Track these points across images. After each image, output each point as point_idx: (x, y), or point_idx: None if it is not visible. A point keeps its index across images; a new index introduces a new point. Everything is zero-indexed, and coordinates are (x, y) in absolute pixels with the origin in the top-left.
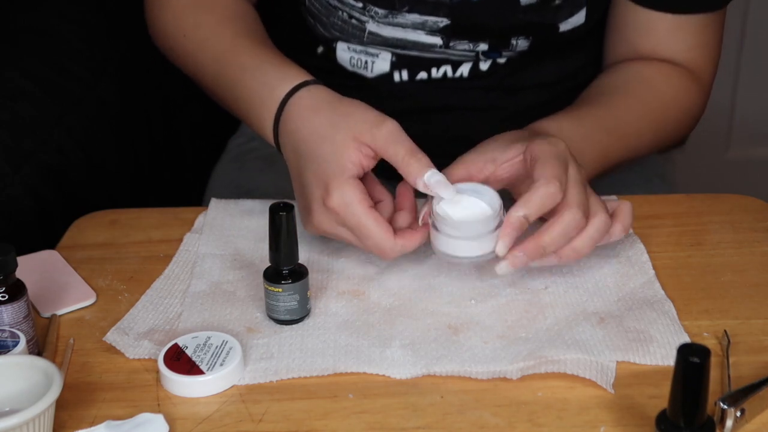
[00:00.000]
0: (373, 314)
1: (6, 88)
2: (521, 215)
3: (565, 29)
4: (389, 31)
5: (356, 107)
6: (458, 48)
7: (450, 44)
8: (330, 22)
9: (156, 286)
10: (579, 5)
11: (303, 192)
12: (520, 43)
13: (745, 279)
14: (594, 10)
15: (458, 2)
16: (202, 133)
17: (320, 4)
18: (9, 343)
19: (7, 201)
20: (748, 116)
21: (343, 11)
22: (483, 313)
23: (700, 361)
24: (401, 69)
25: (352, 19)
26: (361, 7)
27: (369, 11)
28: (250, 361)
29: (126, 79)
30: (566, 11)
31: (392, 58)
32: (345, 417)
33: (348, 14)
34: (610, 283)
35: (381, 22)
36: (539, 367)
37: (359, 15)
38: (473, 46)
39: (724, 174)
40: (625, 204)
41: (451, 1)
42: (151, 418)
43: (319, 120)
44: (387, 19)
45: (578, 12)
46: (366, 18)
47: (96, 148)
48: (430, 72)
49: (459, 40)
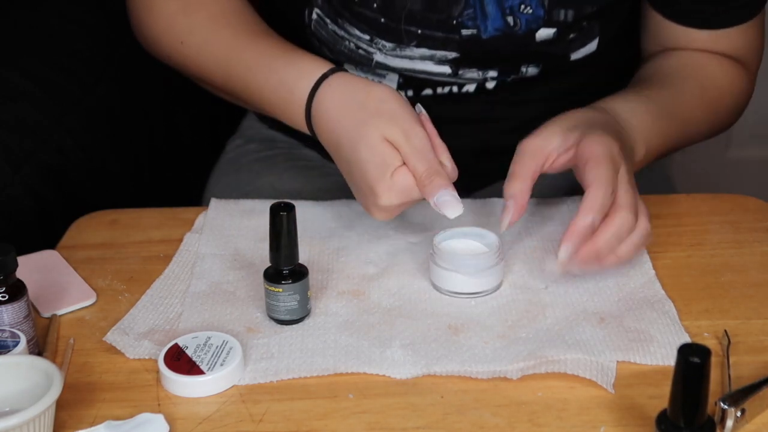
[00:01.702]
0: (373, 314)
1: (6, 88)
2: (589, 221)
3: (577, 58)
4: (397, 62)
5: (384, 102)
6: (467, 75)
7: (459, 73)
8: (337, 49)
9: (156, 286)
10: (592, 37)
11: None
12: (530, 70)
13: (745, 279)
14: (606, 39)
15: (468, 37)
16: (202, 133)
17: (326, 33)
18: (9, 343)
19: (7, 201)
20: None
21: (350, 42)
22: (483, 313)
23: (700, 361)
24: (407, 89)
25: (359, 50)
26: (368, 39)
27: (376, 44)
28: (250, 361)
29: (126, 79)
30: (579, 43)
31: (399, 80)
32: (345, 417)
33: (355, 45)
34: (610, 283)
35: (389, 54)
36: (539, 367)
37: (366, 47)
38: (482, 74)
39: (724, 174)
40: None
41: (461, 37)
42: (151, 418)
43: (348, 122)
44: (395, 51)
45: (590, 42)
46: (373, 50)
47: (96, 148)
48: (436, 90)
49: (468, 69)
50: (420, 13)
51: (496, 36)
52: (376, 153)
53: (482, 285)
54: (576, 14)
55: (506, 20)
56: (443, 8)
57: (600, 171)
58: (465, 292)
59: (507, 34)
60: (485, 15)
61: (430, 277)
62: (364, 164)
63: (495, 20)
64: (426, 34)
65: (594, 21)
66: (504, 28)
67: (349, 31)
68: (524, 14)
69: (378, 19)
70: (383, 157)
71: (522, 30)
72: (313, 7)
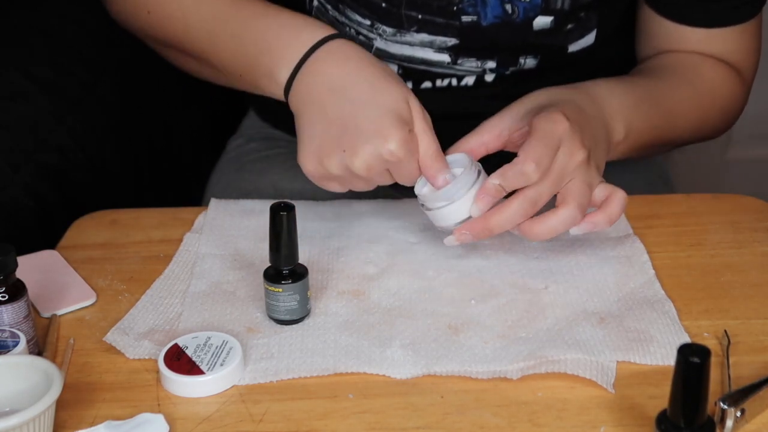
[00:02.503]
0: (373, 314)
1: (6, 88)
2: (497, 183)
3: (575, 50)
4: (397, 49)
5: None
6: (465, 65)
7: (458, 62)
8: None
9: (156, 286)
10: (589, 28)
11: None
12: (528, 62)
13: (745, 279)
14: (604, 32)
15: (468, 24)
16: (202, 133)
17: (327, 19)
18: (9, 343)
19: (7, 201)
20: (748, 116)
21: (351, 28)
22: (483, 313)
23: (700, 361)
24: (406, 80)
25: (360, 36)
26: (369, 24)
27: (377, 29)
28: (250, 361)
29: (126, 80)
30: (577, 34)
31: (398, 70)
32: (345, 417)
33: (356, 31)
34: (610, 283)
35: (389, 40)
36: (539, 367)
37: (367, 32)
38: (481, 64)
39: (724, 174)
40: (616, 194)
41: (461, 23)
42: (151, 418)
43: (370, 69)
44: (395, 37)
45: (588, 34)
46: (374, 36)
47: (96, 148)
48: (435, 82)
49: (467, 58)
50: None
51: (495, 23)
52: (400, 107)
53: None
54: (573, 3)
55: (504, 8)
56: None
57: (530, 147)
58: (464, 219)
59: (506, 22)
60: (485, 2)
61: (434, 225)
62: (383, 109)
63: (494, 8)
64: (426, 20)
65: (592, 12)
66: (503, 15)
67: (350, 16)
68: (522, 2)
69: (379, 4)
70: (403, 114)
71: (520, 18)
72: None
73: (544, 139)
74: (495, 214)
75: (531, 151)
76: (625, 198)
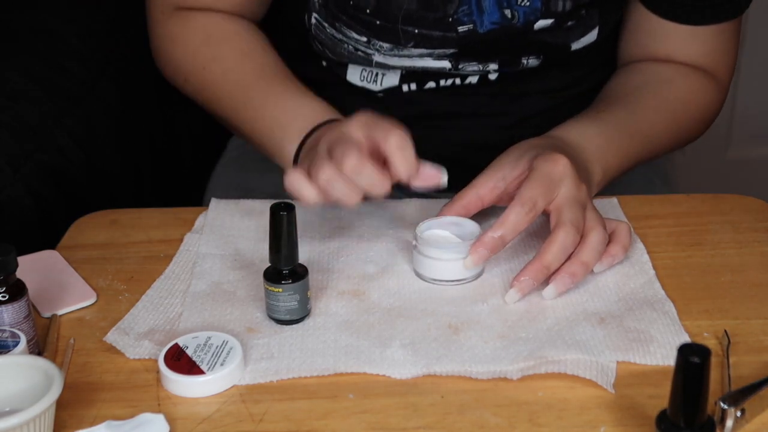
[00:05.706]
0: (373, 314)
1: (6, 88)
2: (497, 236)
3: (577, 47)
4: (396, 61)
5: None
6: (467, 69)
7: (459, 66)
8: (337, 51)
9: (156, 286)
10: (591, 26)
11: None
12: (530, 62)
13: (745, 279)
14: (606, 28)
15: (465, 33)
16: (202, 133)
17: (326, 36)
18: (9, 343)
19: (7, 201)
20: (748, 116)
21: (348, 44)
22: (483, 313)
23: (700, 361)
24: (410, 82)
25: (358, 51)
26: (365, 41)
27: (374, 45)
28: (250, 361)
29: (126, 79)
30: (579, 31)
31: (402, 72)
32: (345, 417)
33: (353, 47)
34: (610, 283)
35: (387, 54)
36: (539, 367)
37: (365, 48)
38: (483, 67)
39: (724, 174)
40: (621, 226)
41: (458, 34)
42: (151, 418)
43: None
44: (393, 52)
45: (590, 32)
46: (372, 51)
47: (96, 148)
48: (439, 82)
49: (468, 63)
50: (416, 13)
51: (493, 29)
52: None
53: (464, 272)
54: (574, 3)
55: (503, 13)
56: (438, 6)
57: (525, 189)
58: (447, 279)
59: (504, 26)
60: (481, 10)
61: (413, 266)
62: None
63: (491, 14)
64: (423, 34)
65: (593, 9)
66: (501, 21)
67: (347, 34)
68: (522, 6)
69: (374, 22)
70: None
71: (520, 22)
72: (312, 12)
73: (542, 179)
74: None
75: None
76: (629, 227)
